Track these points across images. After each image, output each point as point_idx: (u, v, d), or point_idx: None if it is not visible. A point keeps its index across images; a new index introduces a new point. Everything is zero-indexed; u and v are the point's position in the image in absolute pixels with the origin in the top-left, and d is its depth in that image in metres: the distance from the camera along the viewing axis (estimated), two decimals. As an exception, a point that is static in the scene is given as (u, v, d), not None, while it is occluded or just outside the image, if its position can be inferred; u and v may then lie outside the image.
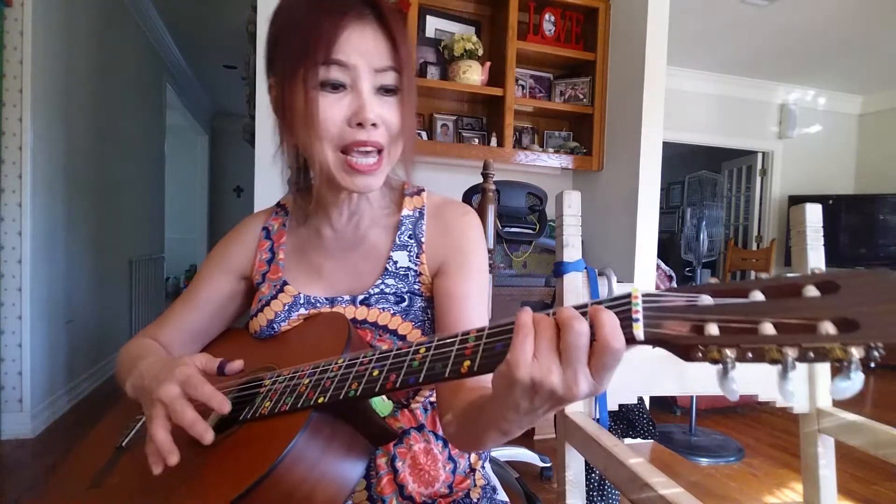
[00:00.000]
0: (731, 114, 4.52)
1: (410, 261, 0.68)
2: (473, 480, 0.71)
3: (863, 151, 4.95)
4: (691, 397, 2.44)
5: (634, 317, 0.34)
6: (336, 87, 0.57)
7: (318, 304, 0.68)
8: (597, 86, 2.54)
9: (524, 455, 1.96)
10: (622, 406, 1.46)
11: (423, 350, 0.44)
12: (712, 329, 0.32)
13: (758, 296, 0.33)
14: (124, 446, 0.62)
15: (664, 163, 2.36)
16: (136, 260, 3.63)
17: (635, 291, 0.36)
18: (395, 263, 0.68)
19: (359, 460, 0.52)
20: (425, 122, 2.52)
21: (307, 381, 0.51)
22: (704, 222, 2.58)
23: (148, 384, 0.54)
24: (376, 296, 0.67)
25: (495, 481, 0.76)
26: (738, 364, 0.31)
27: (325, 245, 0.70)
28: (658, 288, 0.46)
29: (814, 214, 0.89)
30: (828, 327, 0.29)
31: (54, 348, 2.44)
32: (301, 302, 0.68)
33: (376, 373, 0.46)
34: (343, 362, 0.50)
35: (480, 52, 2.38)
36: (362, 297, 0.67)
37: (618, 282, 1.07)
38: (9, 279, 2.15)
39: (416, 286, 0.68)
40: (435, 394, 0.68)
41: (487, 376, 0.41)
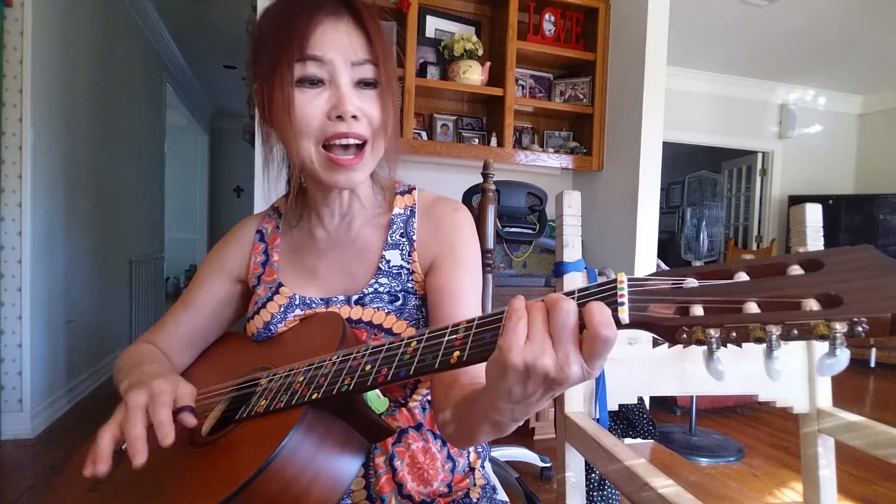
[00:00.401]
0: (731, 114, 4.52)
1: (403, 259, 0.68)
2: (473, 480, 0.71)
3: (863, 151, 4.95)
4: (691, 397, 2.44)
5: (620, 301, 0.34)
6: (314, 82, 0.58)
7: (313, 305, 0.68)
8: (597, 86, 2.54)
9: (524, 455, 1.96)
10: (622, 406, 1.46)
11: (414, 343, 0.45)
12: (697, 310, 0.32)
13: (743, 276, 0.33)
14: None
15: (664, 163, 2.36)
16: (136, 260, 3.63)
17: (621, 276, 0.36)
18: (388, 262, 0.68)
19: (355, 457, 0.52)
20: (425, 122, 2.52)
21: (302, 378, 0.51)
22: (704, 222, 2.59)
23: (134, 387, 0.54)
24: (370, 295, 0.67)
25: (495, 481, 0.76)
26: (723, 346, 0.31)
27: (319, 246, 0.70)
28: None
29: (814, 214, 0.88)
30: (812, 304, 0.29)
31: (54, 348, 2.43)
32: (297, 303, 0.68)
33: (368, 367, 0.46)
34: (337, 358, 0.50)
35: (480, 52, 2.38)
36: (357, 297, 0.67)
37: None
38: (9, 279, 2.15)
39: (410, 284, 0.68)
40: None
41: (481, 373, 0.41)
